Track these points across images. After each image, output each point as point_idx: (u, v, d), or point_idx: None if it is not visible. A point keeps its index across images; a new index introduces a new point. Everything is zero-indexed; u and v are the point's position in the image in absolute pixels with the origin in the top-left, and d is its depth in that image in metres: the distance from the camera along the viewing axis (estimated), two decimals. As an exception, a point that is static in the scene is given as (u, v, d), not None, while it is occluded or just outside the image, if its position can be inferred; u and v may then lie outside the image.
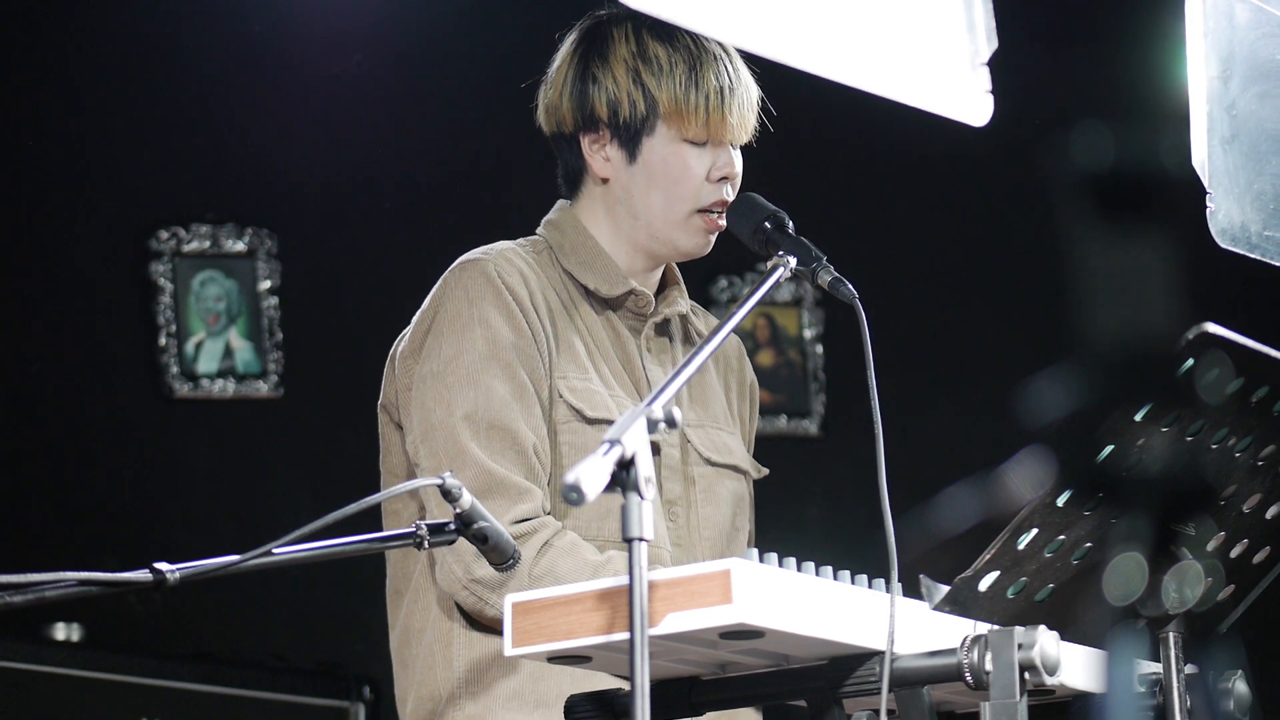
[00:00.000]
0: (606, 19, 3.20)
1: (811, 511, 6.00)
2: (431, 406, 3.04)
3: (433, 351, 3.07)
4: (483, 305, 3.07)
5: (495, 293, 3.07)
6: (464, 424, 3.01)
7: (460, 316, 3.07)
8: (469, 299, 3.07)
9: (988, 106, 3.00)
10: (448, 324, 3.07)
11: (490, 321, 3.06)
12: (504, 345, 3.05)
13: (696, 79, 3.13)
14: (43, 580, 2.31)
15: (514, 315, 3.07)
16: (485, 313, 3.06)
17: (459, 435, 3.01)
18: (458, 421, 3.01)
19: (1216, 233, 3.14)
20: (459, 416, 3.01)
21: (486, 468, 2.98)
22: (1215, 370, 2.32)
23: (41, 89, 5.65)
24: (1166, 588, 2.37)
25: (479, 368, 3.03)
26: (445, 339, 3.07)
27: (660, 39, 3.14)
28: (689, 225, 3.17)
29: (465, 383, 3.03)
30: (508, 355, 3.04)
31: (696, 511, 3.18)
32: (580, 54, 3.19)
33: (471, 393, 3.02)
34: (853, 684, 2.46)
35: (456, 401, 3.02)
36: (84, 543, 5.48)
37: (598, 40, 3.19)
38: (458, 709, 3.04)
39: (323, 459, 5.65)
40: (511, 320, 3.07)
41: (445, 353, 3.06)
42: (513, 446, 3.00)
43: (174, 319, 5.74)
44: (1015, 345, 5.60)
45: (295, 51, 5.68)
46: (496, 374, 3.03)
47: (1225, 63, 3.22)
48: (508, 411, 3.01)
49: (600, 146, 3.18)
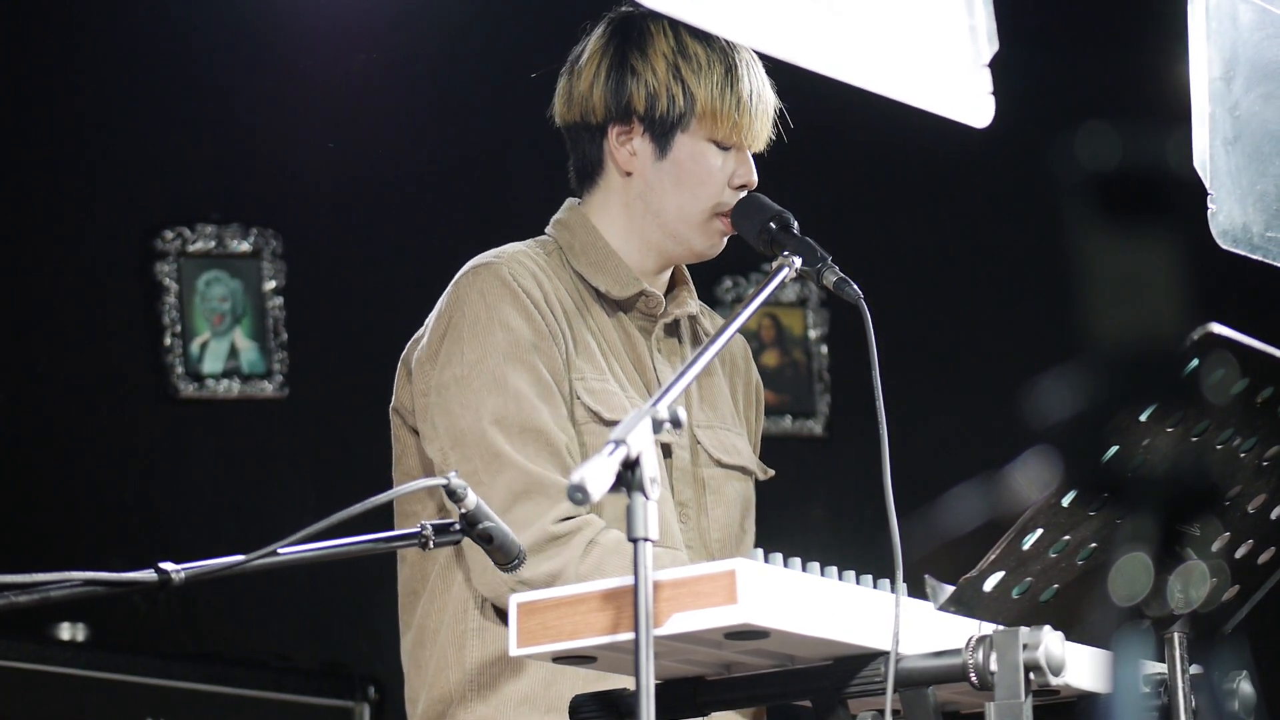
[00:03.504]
0: (639, 14, 3.19)
1: (816, 512, 6.00)
2: (459, 413, 3.03)
3: (453, 356, 3.06)
4: (501, 307, 3.06)
5: (512, 295, 3.07)
6: (495, 428, 3.00)
7: (480, 320, 3.06)
8: (486, 302, 3.07)
9: (989, 108, 3.01)
10: (467, 328, 3.06)
11: (510, 323, 3.05)
12: (525, 346, 3.04)
13: (732, 81, 3.14)
14: (48, 580, 2.31)
15: (532, 316, 3.07)
16: (504, 315, 3.05)
17: (492, 439, 2.99)
18: (488, 426, 3.00)
19: (1218, 234, 3.14)
20: (489, 421, 3.00)
21: (525, 469, 2.97)
22: (1220, 371, 2.32)
23: (46, 89, 5.65)
24: (1172, 588, 2.37)
25: (504, 370, 3.02)
26: (466, 343, 3.06)
27: (698, 38, 3.15)
28: (707, 227, 3.18)
29: (492, 387, 3.02)
30: (530, 356, 3.04)
31: (707, 514, 3.18)
32: (616, 45, 3.19)
33: (499, 396, 3.01)
34: (858, 684, 2.46)
35: (485, 406, 3.01)
36: (89, 542, 5.49)
37: (634, 33, 3.18)
38: (469, 711, 3.04)
39: (328, 459, 5.66)
40: (530, 321, 3.06)
41: (468, 357, 3.05)
42: (546, 447, 3.00)
43: (179, 319, 5.75)
44: (1020, 346, 5.60)
45: (300, 52, 5.68)
46: (522, 376, 3.02)
47: (1228, 64, 3.22)
48: (537, 413, 3.01)
49: (628, 139, 3.18)
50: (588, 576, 2.88)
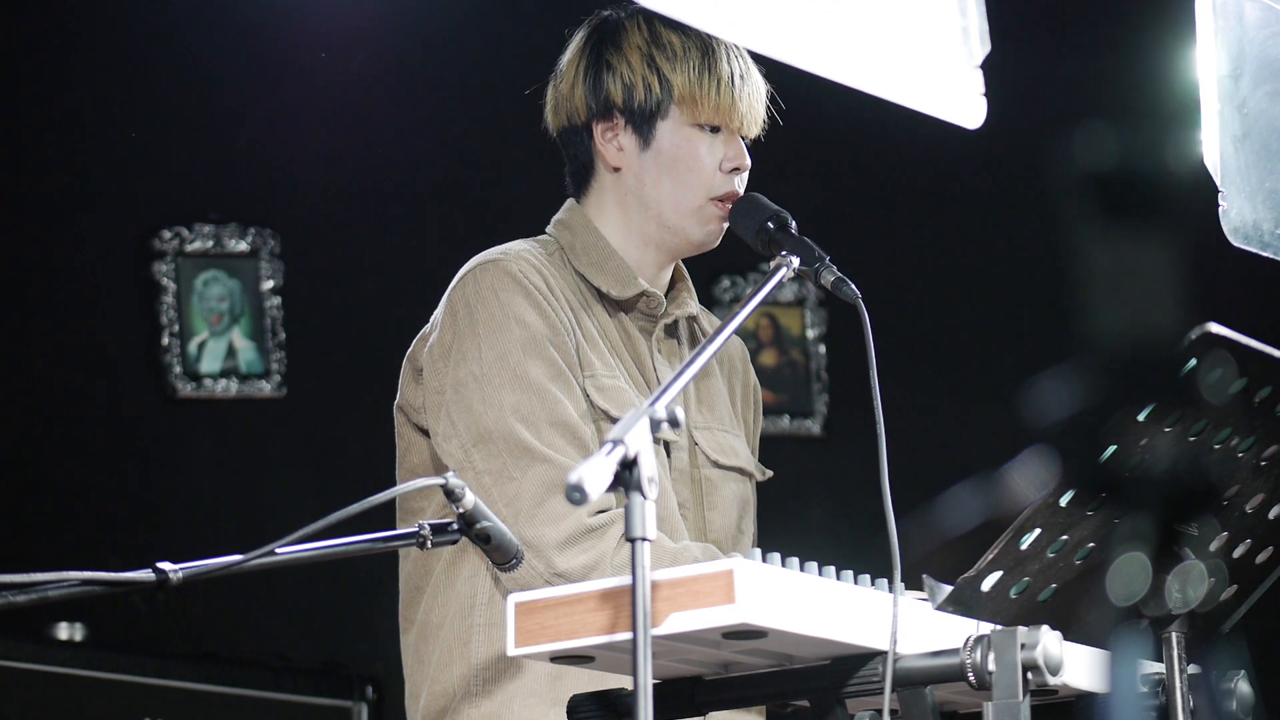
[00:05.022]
0: (616, 14, 3.23)
1: (814, 512, 5.99)
2: (481, 410, 3.02)
3: (469, 353, 3.05)
4: (514, 302, 3.06)
5: (523, 289, 3.07)
6: (521, 424, 2.99)
7: (494, 316, 3.05)
8: (499, 298, 3.06)
9: (981, 109, 3.01)
10: (482, 324, 3.05)
11: (524, 318, 3.05)
12: (541, 340, 3.04)
13: (710, 63, 3.15)
14: (46, 580, 2.31)
15: (544, 309, 3.07)
16: (518, 309, 3.05)
17: (519, 434, 2.99)
18: (514, 422, 2.99)
19: (1229, 231, 3.14)
20: (514, 417, 3.00)
21: (556, 463, 2.96)
22: (1218, 370, 2.32)
23: (44, 89, 5.65)
24: (1170, 588, 2.37)
25: (523, 365, 3.02)
26: (482, 340, 3.05)
27: (673, 27, 3.17)
28: (701, 214, 3.18)
29: (512, 383, 3.01)
30: (548, 349, 3.04)
31: (704, 514, 3.18)
32: (593, 45, 3.21)
33: (520, 392, 3.01)
34: (856, 684, 2.46)
35: (506, 401, 3.01)
36: (87, 542, 5.48)
37: (610, 31, 3.21)
38: (473, 706, 3.04)
39: (325, 458, 5.66)
40: (543, 315, 3.06)
41: (485, 354, 3.04)
42: (574, 441, 3.00)
43: (177, 319, 5.74)
44: (1018, 345, 5.60)
45: (298, 51, 5.68)
46: (542, 369, 3.02)
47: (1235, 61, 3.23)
48: (560, 406, 3.01)
49: (613, 134, 3.19)
50: (621, 568, 2.87)
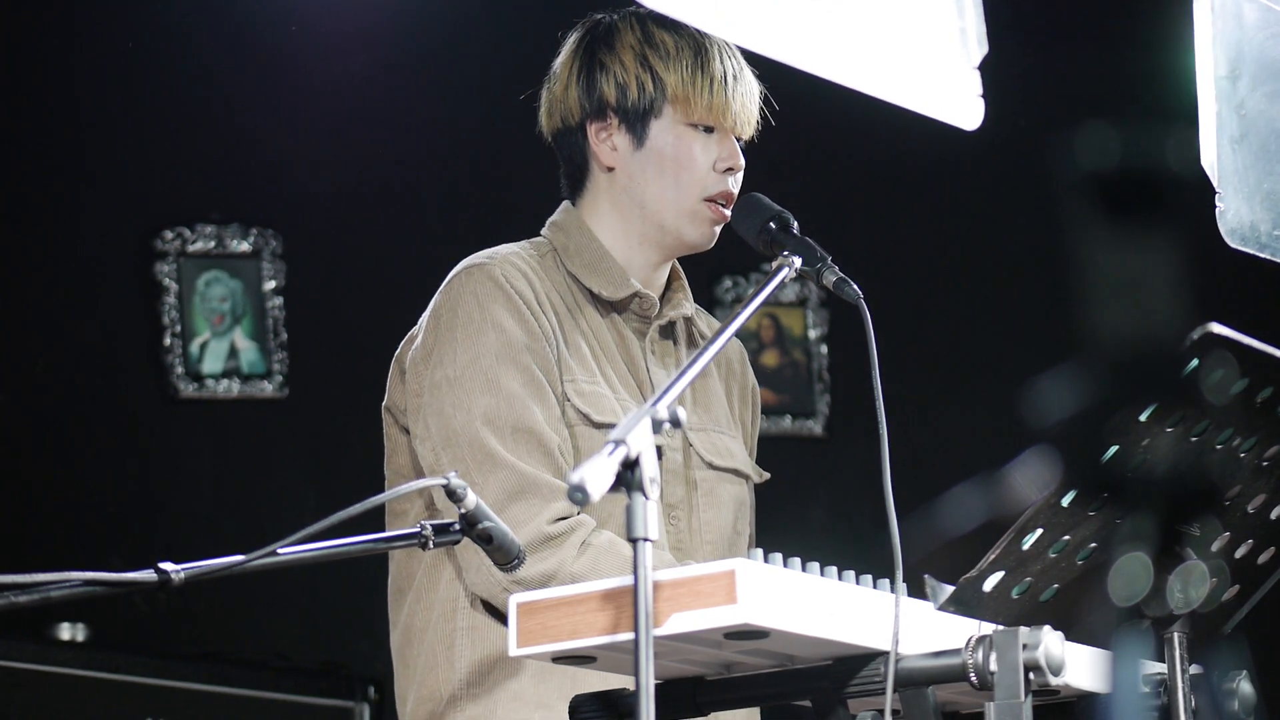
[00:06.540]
0: (609, 15, 3.24)
1: (816, 512, 6.00)
2: (450, 413, 3.04)
3: (445, 357, 3.07)
4: (493, 308, 3.07)
5: (505, 295, 3.08)
6: (487, 428, 3.00)
7: (473, 321, 3.06)
8: (479, 303, 3.07)
9: (979, 110, 3.01)
10: (460, 328, 3.07)
11: (503, 324, 3.06)
12: (518, 346, 3.05)
13: (702, 63, 3.16)
14: (48, 580, 2.31)
15: (524, 316, 3.07)
16: (497, 315, 3.06)
17: (484, 439, 3.00)
18: (480, 426, 3.00)
19: (1226, 232, 3.14)
20: (481, 421, 3.01)
21: (517, 470, 2.97)
22: (1220, 371, 2.32)
23: (46, 89, 5.65)
24: (1171, 588, 2.36)
25: (496, 371, 3.03)
26: (459, 344, 3.06)
27: (666, 28, 3.18)
28: (696, 215, 3.18)
29: (484, 387, 3.02)
30: (523, 357, 3.04)
31: (698, 516, 3.18)
32: (586, 46, 3.22)
33: (491, 397, 3.02)
34: (858, 684, 2.45)
35: (476, 406, 3.02)
36: (89, 543, 5.49)
37: (603, 32, 3.22)
38: (459, 710, 3.04)
39: (327, 459, 5.66)
40: (523, 322, 3.07)
41: (460, 358, 3.05)
42: (539, 447, 3.00)
43: (179, 319, 5.75)
44: (1020, 346, 5.60)
45: (300, 52, 5.69)
46: (514, 376, 3.03)
47: (1234, 62, 3.22)
48: (529, 413, 3.01)
49: (607, 134, 3.19)
50: (582, 577, 2.88)
